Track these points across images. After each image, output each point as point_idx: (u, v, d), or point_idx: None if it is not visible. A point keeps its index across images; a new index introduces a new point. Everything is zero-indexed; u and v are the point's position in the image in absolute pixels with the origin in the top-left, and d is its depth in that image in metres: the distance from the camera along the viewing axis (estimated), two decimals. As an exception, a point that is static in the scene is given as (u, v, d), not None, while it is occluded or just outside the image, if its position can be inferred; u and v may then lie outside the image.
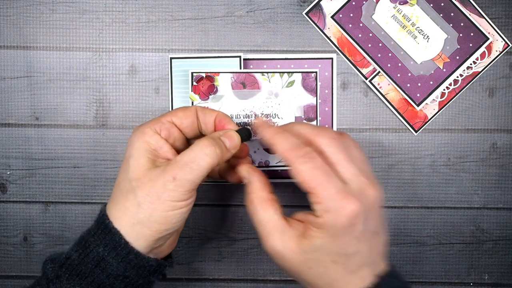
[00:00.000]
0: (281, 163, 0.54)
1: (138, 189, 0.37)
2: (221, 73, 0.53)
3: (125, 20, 0.54)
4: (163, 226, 0.37)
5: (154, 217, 0.37)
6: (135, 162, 0.38)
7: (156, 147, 0.39)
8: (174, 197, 0.37)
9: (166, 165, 0.38)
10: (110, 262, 0.37)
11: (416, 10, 0.53)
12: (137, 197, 0.37)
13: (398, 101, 0.54)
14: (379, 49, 0.54)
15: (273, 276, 0.56)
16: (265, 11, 0.54)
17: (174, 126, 0.41)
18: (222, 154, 0.39)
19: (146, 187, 0.37)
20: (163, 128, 0.40)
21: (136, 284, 0.39)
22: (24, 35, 0.54)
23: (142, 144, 0.39)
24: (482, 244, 0.56)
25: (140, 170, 0.38)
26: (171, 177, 0.37)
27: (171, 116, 0.41)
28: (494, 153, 0.55)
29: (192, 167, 0.37)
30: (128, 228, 0.37)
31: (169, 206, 0.37)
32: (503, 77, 0.54)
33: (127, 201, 0.38)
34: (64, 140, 0.55)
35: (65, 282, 0.37)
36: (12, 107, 0.54)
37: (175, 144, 0.41)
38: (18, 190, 0.55)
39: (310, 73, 0.54)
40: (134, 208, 0.37)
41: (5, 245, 0.56)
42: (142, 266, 0.38)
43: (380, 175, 0.55)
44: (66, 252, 0.39)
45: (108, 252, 0.37)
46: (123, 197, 0.38)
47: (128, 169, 0.38)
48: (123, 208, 0.38)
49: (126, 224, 0.37)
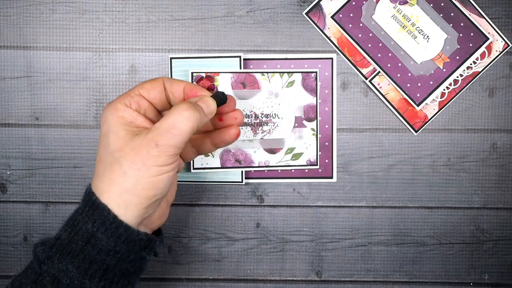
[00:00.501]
0: (281, 163, 0.54)
1: (123, 158, 0.38)
2: (221, 73, 0.53)
3: (125, 20, 0.54)
4: (151, 192, 0.38)
5: (141, 184, 0.37)
6: (114, 135, 0.39)
7: (131, 120, 0.40)
8: (159, 162, 0.37)
9: (147, 133, 0.38)
10: (100, 237, 0.37)
11: (416, 10, 0.53)
12: (123, 166, 0.37)
13: (398, 101, 0.54)
14: (379, 49, 0.54)
15: (273, 276, 0.56)
16: (265, 11, 0.54)
17: (143, 98, 0.41)
18: (201, 118, 0.39)
19: (130, 156, 0.37)
20: (133, 101, 0.40)
21: (128, 259, 0.39)
22: (24, 35, 0.54)
23: (117, 119, 0.39)
24: (482, 244, 0.56)
25: (121, 142, 0.38)
26: (153, 143, 0.37)
27: (138, 88, 0.41)
28: (494, 153, 0.55)
29: (173, 132, 0.38)
30: (116, 199, 0.37)
31: (154, 171, 0.37)
32: (503, 77, 0.54)
33: (112, 172, 0.38)
34: (64, 140, 0.55)
35: (56, 262, 0.37)
36: (12, 107, 0.54)
37: (146, 115, 0.41)
38: (18, 190, 0.55)
39: (310, 73, 0.54)
40: (121, 178, 0.37)
41: (5, 245, 0.56)
42: (132, 240, 0.38)
43: (380, 175, 0.55)
44: (56, 234, 0.39)
45: (97, 227, 0.37)
46: (108, 169, 0.38)
47: (109, 143, 0.39)
48: (109, 179, 0.38)
49: (114, 195, 0.37)
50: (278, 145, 0.54)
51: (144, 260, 0.41)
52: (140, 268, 0.41)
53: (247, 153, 0.54)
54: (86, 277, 0.37)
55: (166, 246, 0.43)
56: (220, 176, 0.55)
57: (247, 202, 0.55)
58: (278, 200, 0.55)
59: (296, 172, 0.55)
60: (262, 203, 0.55)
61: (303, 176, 0.55)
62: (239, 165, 0.54)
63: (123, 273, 0.39)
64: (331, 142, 0.54)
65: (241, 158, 0.54)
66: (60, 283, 0.37)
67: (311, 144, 0.54)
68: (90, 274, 0.37)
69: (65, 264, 0.37)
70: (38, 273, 0.38)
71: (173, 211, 0.55)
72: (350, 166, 0.55)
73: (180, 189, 0.55)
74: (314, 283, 0.56)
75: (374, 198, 0.55)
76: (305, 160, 0.54)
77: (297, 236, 0.56)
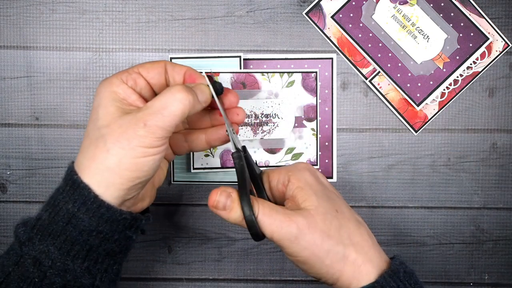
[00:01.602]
0: (281, 163, 0.54)
1: (108, 135, 0.36)
2: (221, 73, 0.53)
3: (125, 20, 0.54)
4: (134, 174, 0.36)
5: (124, 164, 0.36)
6: (104, 110, 0.37)
7: (124, 96, 0.38)
8: (145, 143, 0.36)
9: (137, 111, 0.37)
10: (81, 217, 0.36)
11: (416, 10, 0.53)
12: (107, 143, 0.36)
13: (398, 101, 0.54)
14: (379, 49, 0.54)
15: (273, 276, 0.56)
16: (265, 11, 0.54)
17: (141, 77, 0.40)
18: (194, 103, 0.38)
19: (116, 133, 0.36)
20: (130, 78, 0.39)
21: (112, 239, 0.37)
22: (24, 35, 0.54)
23: (109, 93, 0.38)
24: (482, 244, 0.56)
25: (109, 118, 0.37)
26: (141, 123, 0.36)
27: (138, 67, 0.40)
28: (494, 153, 0.55)
29: (164, 113, 0.36)
30: (97, 177, 0.36)
31: (140, 153, 0.36)
32: (503, 77, 0.54)
33: (96, 149, 0.36)
34: (64, 140, 0.55)
35: (37, 243, 0.36)
36: (12, 107, 0.54)
37: (142, 94, 0.40)
38: (18, 190, 0.55)
39: (310, 73, 0.54)
40: (103, 154, 0.36)
41: (5, 245, 0.56)
42: (116, 220, 0.37)
43: (380, 175, 0.55)
44: (37, 214, 0.38)
45: (78, 207, 0.36)
46: (92, 145, 0.37)
47: (98, 118, 0.37)
48: (93, 156, 0.36)
49: (95, 172, 0.36)
50: (278, 145, 0.54)
51: (131, 239, 0.39)
52: (127, 247, 0.40)
53: (247, 153, 0.54)
54: (69, 258, 0.36)
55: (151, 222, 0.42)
56: (220, 176, 0.55)
57: (247, 202, 0.55)
58: (278, 200, 0.55)
59: (296, 172, 0.55)
60: (262, 203, 0.55)
61: (303, 176, 0.55)
62: (239, 165, 0.54)
63: (108, 253, 0.38)
64: (331, 142, 0.54)
65: (241, 158, 0.54)
66: (42, 265, 0.36)
67: (311, 144, 0.54)
68: (73, 255, 0.36)
69: (46, 246, 0.36)
70: (19, 255, 0.37)
71: (173, 211, 0.55)
72: (350, 166, 0.55)
73: (180, 189, 0.55)
74: (314, 283, 0.56)
75: (374, 198, 0.55)
76: (305, 160, 0.54)
77: (297, 236, 0.56)
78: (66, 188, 0.37)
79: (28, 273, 0.36)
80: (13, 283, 0.36)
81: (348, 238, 0.38)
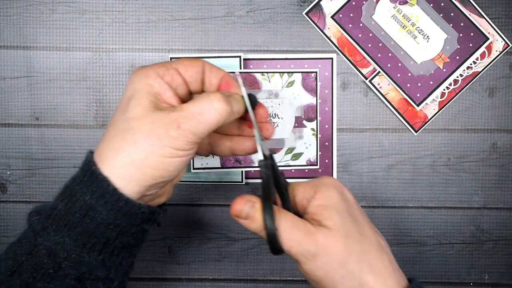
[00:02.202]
0: (281, 163, 0.54)
1: (138, 129, 0.35)
2: (221, 73, 0.53)
3: (125, 20, 0.54)
4: (158, 172, 0.35)
5: (150, 161, 0.35)
6: (136, 102, 0.36)
7: (159, 91, 0.37)
8: (175, 144, 0.35)
9: (171, 111, 0.35)
10: (99, 210, 0.35)
11: (416, 10, 0.53)
12: (135, 136, 0.35)
13: (398, 101, 0.54)
14: (379, 49, 0.54)
15: (273, 276, 0.56)
16: (265, 11, 0.54)
17: (178, 74, 0.38)
18: (230, 114, 0.37)
19: (147, 129, 0.35)
20: (167, 73, 0.38)
21: (129, 232, 0.36)
22: (24, 35, 0.54)
23: (144, 86, 0.36)
24: (482, 244, 0.56)
25: (141, 111, 0.35)
26: (175, 124, 0.35)
27: (176, 63, 0.39)
28: (494, 153, 0.55)
29: (200, 119, 0.35)
30: (120, 170, 0.35)
31: (168, 153, 0.35)
32: (503, 77, 0.54)
33: (122, 140, 0.35)
34: (64, 140, 0.55)
35: (52, 233, 0.35)
36: (12, 107, 0.54)
37: (177, 91, 0.38)
38: (18, 190, 0.55)
39: (310, 73, 0.54)
40: (130, 148, 0.35)
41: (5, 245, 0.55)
42: (134, 213, 0.36)
43: (380, 175, 0.55)
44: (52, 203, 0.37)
45: (96, 199, 0.35)
46: (118, 136, 0.35)
47: (128, 109, 0.36)
48: (118, 147, 0.35)
49: (118, 165, 0.35)
50: (278, 145, 0.54)
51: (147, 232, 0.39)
52: (142, 239, 0.39)
53: (247, 153, 0.54)
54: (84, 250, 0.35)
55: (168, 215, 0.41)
56: (220, 176, 0.55)
57: (247, 202, 0.55)
58: (278, 200, 0.55)
59: (296, 172, 0.55)
60: (262, 203, 0.55)
61: (303, 176, 0.55)
62: (239, 165, 0.54)
63: (124, 245, 0.37)
64: (331, 142, 0.54)
65: (241, 158, 0.54)
66: (57, 256, 0.35)
67: (311, 144, 0.54)
68: (89, 247, 0.35)
69: (61, 237, 0.35)
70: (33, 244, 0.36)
71: (173, 211, 0.55)
72: (350, 166, 0.55)
73: (180, 189, 0.55)
74: (314, 283, 0.56)
75: (374, 198, 0.55)
76: (305, 160, 0.54)
77: (297, 236, 0.56)
78: (84, 179, 0.36)
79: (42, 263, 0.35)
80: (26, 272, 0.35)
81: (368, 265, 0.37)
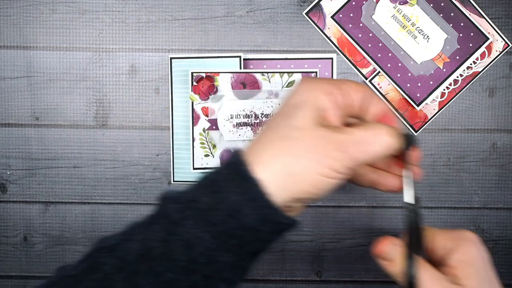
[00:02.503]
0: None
1: (301, 141, 0.34)
2: (221, 73, 0.53)
3: (125, 20, 0.54)
4: (310, 189, 0.35)
5: (306, 176, 0.34)
6: (302, 112, 0.35)
7: (325, 108, 0.36)
8: (335, 166, 0.34)
9: (338, 131, 0.35)
10: (246, 213, 0.34)
11: (416, 10, 0.53)
12: (298, 148, 0.34)
13: (398, 101, 0.54)
14: (379, 49, 0.54)
15: (273, 276, 0.56)
16: (265, 11, 0.54)
17: (345, 95, 0.37)
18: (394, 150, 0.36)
19: (310, 144, 0.34)
20: (335, 92, 0.37)
21: (265, 239, 0.36)
22: (24, 35, 0.54)
23: (313, 99, 0.36)
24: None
25: (307, 123, 0.35)
26: (342, 147, 0.34)
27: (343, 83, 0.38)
28: (494, 153, 0.55)
29: (367, 149, 0.35)
30: (273, 177, 0.34)
31: (325, 172, 0.34)
32: (503, 77, 0.54)
33: (283, 148, 0.34)
34: (64, 140, 0.55)
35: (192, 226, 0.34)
36: (12, 107, 0.54)
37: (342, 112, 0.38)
38: (18, 190, 0.55)
39: (310, 73, 0.54)
40: (289, 158, 0.34)
41: (5, 245, 0.56)
42: (278, 222, 0.35)
43: (380, 175, 0.55)
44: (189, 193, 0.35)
45: (244, 202, 0.34)
46: (278, 141, 0.35)
47: (292, 116, 0.35)
48: (276, 154, 0.34)
49: (273, 172, 0.34)
50: (278, 145, 0.54)
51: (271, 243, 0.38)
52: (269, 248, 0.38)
53: (247, 153, 0.54)
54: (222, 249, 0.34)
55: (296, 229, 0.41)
56: (220, 176, 0.55)
57: (247, 202, 0.55)
58: (278, 200, 0.55)
59: (296, 172, 0.55)
60: (262, 203, 0.55)
61: (303, 176, 0.55)
62: (239, 165, 0.54)
63: (255, 251, 0.36)
64: (331, 142, 0.54)
65: (241, 158, 0.54)
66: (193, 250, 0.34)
67: (311, 144, 0.54)
68: (226, 247, 0.34)
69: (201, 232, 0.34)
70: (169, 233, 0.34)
71: (173, 211, 0.55)
72: (350, 166, 0.55)
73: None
74: (314, 283, 0.56)
75: (374, 198, 0.55)
76: (305, 160, 0.54)
77: (297, 236, 0.56)
78: (234, 177, 0.35)
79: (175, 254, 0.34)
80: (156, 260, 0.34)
81: None
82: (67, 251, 0.56)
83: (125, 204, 0.55)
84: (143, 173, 0.55)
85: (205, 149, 0.53)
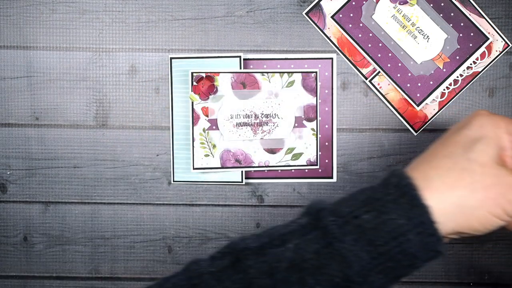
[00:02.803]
0: (281, 163, 0.54)
1: (479, 176, 0.34)
2: (221, 73, 0.53)
3: (125, 20, 0.54)
4: (477, 225, 0.35)
5: (478, 212, 0.34)
6: (483, 147, 0.35)
7: (503, 147, 0.36)
8: (508, 209, 0.34)
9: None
10: (410, 239, 0.33)
11: (416, 10, 0.53)
12: (474, 183, 0.34)
13: (398, 101, 0.54)
14: (379, 49, 0.54)
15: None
16: (265, 11, 0.54)
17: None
18: None
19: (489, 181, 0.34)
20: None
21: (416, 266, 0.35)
22: (24, 35, 0.54)
23: (495, 136, 0.36)
24: (482, 244, 0.56)
25: (486, 159, 0.35)
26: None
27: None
28: (494, 153, 0.55)
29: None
30: (444, 206, 0.34)
31: (497, 213, 0.34)
32: (503, 77, 0.54)
33: (460, 180, 0.34)
34: (64, 140, 0.55)
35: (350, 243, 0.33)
36: (12, 107, 0.55)
37: None
38: (18, 190, 0.55)
39: (310, 73, 0.54)
40: (466, 191, 0.34)
41: (5, 245, 0.56)
42: (435, 251, 0.34)
43: (380, 175, 0.55)
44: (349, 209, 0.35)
45: (411, 227, 0.33)
46: (456, 172, 0.35)
47: (472, 149, 0.35)
48: (452, 184, 0.34)
49: (445, 201, 0.34)
50: (278, 145, 0.54)
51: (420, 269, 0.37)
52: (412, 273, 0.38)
53: (247, 153, 0.54)
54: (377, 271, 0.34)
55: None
56: (220, 176, 0.55)
57: (247, 202, 0.55)
58: (278, 200, 0.55)
59: (296, 172, 0.55)
60: (262, 203, 0.55)
61: (303, 176, 0.55)
62: (239, 165, 0.54)
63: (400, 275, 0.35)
64: (331, 142, 0.54)
65: (241, 158, 0.54)
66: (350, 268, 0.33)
67: (311, 144, 0.54)
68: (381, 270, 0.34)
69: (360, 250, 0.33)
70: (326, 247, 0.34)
71: (173, 211, 0.55)
72: (350, 166, 0.55)
73: (180, 189, 0.55)
74: (314, 283, 0.56)
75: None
76: (305, 160, 0.54)
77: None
78: (401, 200, 0.34)
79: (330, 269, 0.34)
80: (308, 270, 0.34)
81: None
82: (67, 251, 0.56)
83: (125, 204, 0.55)
84: (143, 173, 0.55)
85: (205, 149, 0.54)
